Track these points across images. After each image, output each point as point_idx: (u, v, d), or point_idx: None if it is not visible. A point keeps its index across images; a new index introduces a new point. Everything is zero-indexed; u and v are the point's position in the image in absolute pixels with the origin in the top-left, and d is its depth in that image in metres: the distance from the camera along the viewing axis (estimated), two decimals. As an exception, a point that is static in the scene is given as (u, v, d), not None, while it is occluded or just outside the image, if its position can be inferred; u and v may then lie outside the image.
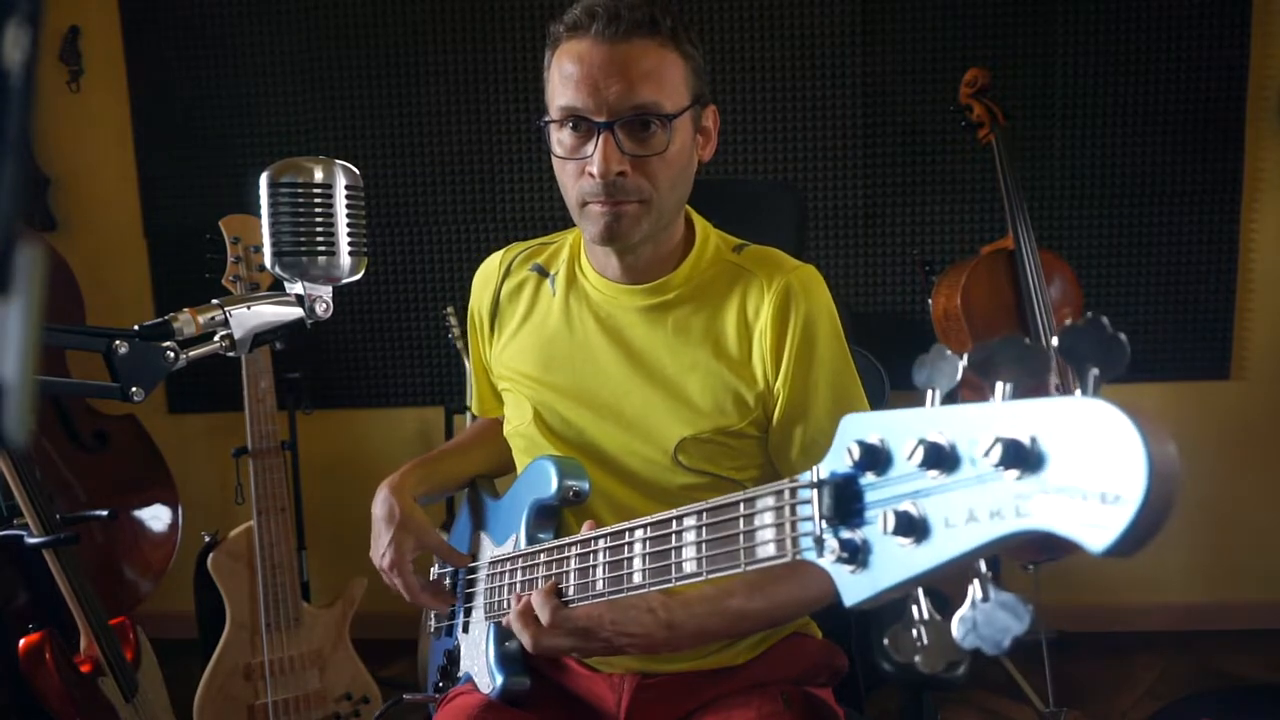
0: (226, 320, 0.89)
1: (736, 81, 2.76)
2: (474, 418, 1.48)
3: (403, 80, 2.81)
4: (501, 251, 1.32)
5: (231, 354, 0.90)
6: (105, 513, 1.99)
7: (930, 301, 2.48)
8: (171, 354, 0.85)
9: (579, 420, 1.20)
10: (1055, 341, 0.51)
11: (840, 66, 2.75)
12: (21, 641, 1.83)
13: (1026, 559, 2.29)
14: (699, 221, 1.22)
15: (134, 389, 0.83)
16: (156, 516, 2.58)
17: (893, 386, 1.62)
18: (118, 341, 0.83)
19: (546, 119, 1.12)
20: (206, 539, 2.16)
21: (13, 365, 0.32)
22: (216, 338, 0.89)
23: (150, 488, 2.57)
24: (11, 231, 0.32)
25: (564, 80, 1.07)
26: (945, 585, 0.57)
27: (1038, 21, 2.71)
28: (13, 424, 0.32)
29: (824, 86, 2.76)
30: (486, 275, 1.32)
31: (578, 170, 1.10)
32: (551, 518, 1.17)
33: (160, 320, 0.86)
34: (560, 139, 1.11)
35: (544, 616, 0.99)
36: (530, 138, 2.81)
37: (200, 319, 0.88)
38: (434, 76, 2.80)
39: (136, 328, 0.85)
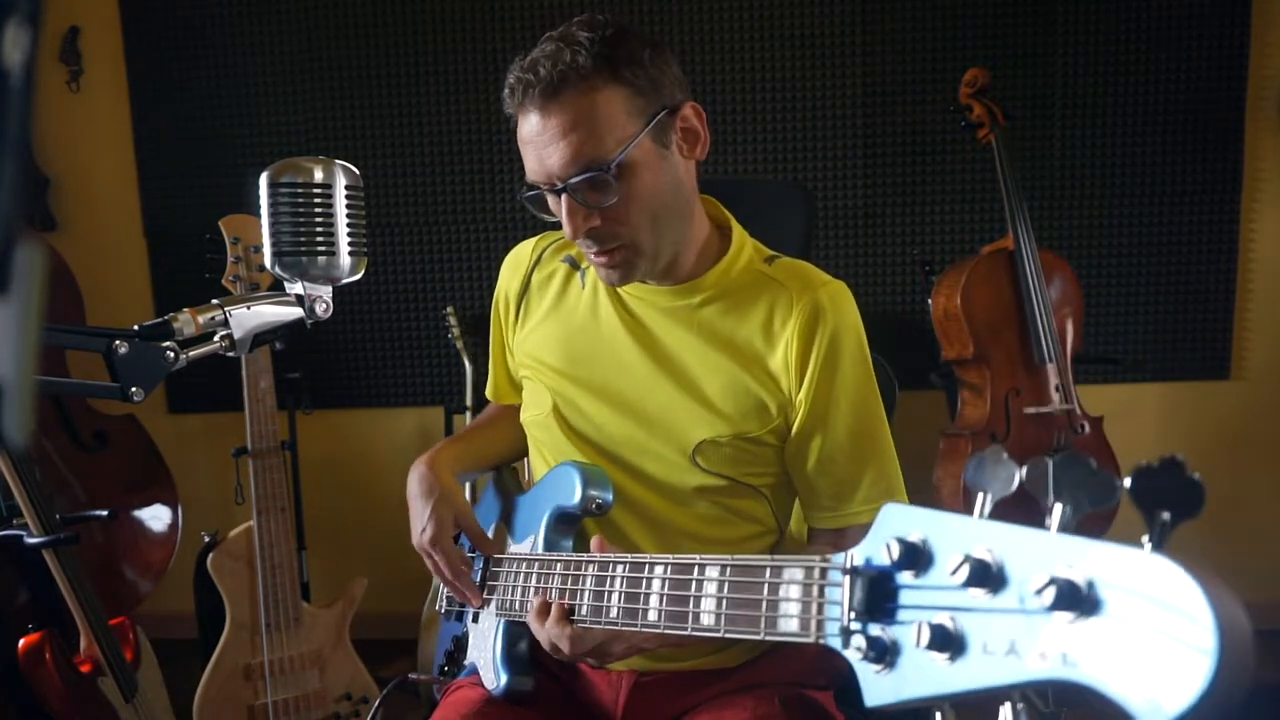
0: (226, 320, 0.89)
1: (736, 81, 2.76)
2: (474, 413, 1.48)
3: (403, 80, 2.81)
4: (535, 239, 1.33)
5: (231, 354, 0.90)
6: (105, 513, 1.99)
7: (930, 301, 2.48)
8: (171, 354, 0.85)
9: (598, 415, 1.20)
10: (1127, 482, 0.48)
11: (840, 66, 2.75)
12: (21, 641, 1.83)
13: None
14: (737, 229, 1.22)
15: (134, 389, 0.83)
16: (156, 516, 2.58)
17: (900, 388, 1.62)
18: (118, 341, 0.83)
19: (524, 185, 1.13)
20: (206, 539, 2.16)
21: (13, 365, 0.32)
22: (216, 338, 0.89)
23: (150, 488, 2.57)
24: (11, 231, 0.32)
25: (522, 151, 1.10)
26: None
27: (1038, 21, 2.71)
28: (13, 424, 0.32)
29: (824, 86, 2.76)
30: (517, 260, 1.32)
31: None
32: (572, 524, 1.16)
33: (160, 320, 0.86)
34: (546, 200, 1.13)
35: (564, 646, 1.00)
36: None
37: (200, 319, 0.88)
38: (434, 76, 2.80)
39: (136, 328, 0.85)
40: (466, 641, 1.27)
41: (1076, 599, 0.46)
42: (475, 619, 1.25)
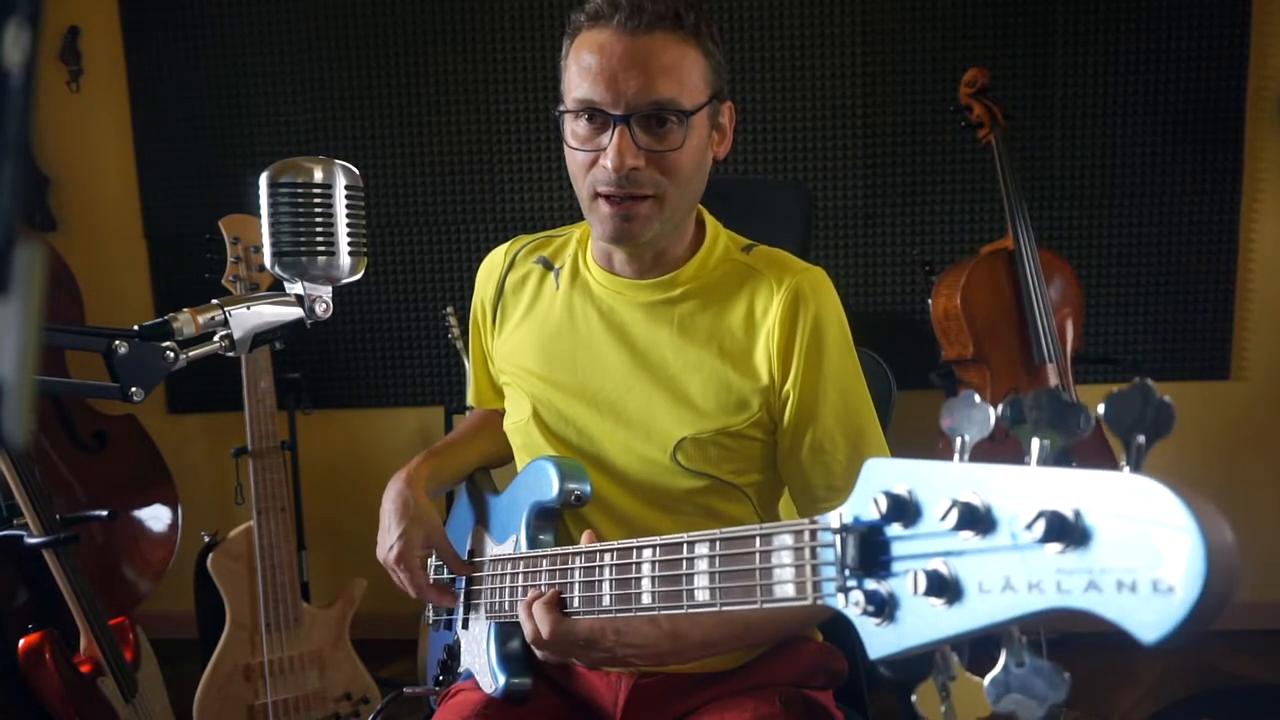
0: (226, 320, 0.89)
1: (736, 80, 2.76)
2: (470, 411, 1.48)
3: (402, 80, 2.81)
4: (507, 244, 1.32)
5: (231, 354, 0.90)
6: (105, 513, 1.99)
7: (930, 301, 2.48)
8: (171, 354, 0.85)
9: (578, 417, 1.19)
10: (1100, 409, 0.49)
11: (840, 66, 2.75)
12: (21, 641, 1.83)
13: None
14: (710, 220, 1.22)
15: (134, 389, 0.83)
16: (156, 516, 2.58)
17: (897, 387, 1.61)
18: (118, 341, 0.83)
19: (562, 109, 1.10)
20: (206, 539, 2.16)
21: (13, 365, 0.32)
22: (216, 338, 0.88)
23: (150, 488, 2.58)
24: (11, 231, 0.32)
25: (582, 71, 1.06)
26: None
27: (1038, 21, 2.71)
28: (13, 424, 0.32)
29: (824, 86, 2.76)
30: (491, 267, 1.32)
31: (590, 161, 1.09)
32: (552, 519, 1.16)
33: (160, 320, 0.85)
34: (575, 130, 1.09)
35: (544, 628, 0.98)
36: (530, 137, 2.81)
37: (200, 319, 0.87)
38: (434, 76, 2.80)
39: (136, 328, 0.85)
40: (458, 649, 1.27)
41: (1065, 529, 0.47)
42: (465, 625, 1.25)
